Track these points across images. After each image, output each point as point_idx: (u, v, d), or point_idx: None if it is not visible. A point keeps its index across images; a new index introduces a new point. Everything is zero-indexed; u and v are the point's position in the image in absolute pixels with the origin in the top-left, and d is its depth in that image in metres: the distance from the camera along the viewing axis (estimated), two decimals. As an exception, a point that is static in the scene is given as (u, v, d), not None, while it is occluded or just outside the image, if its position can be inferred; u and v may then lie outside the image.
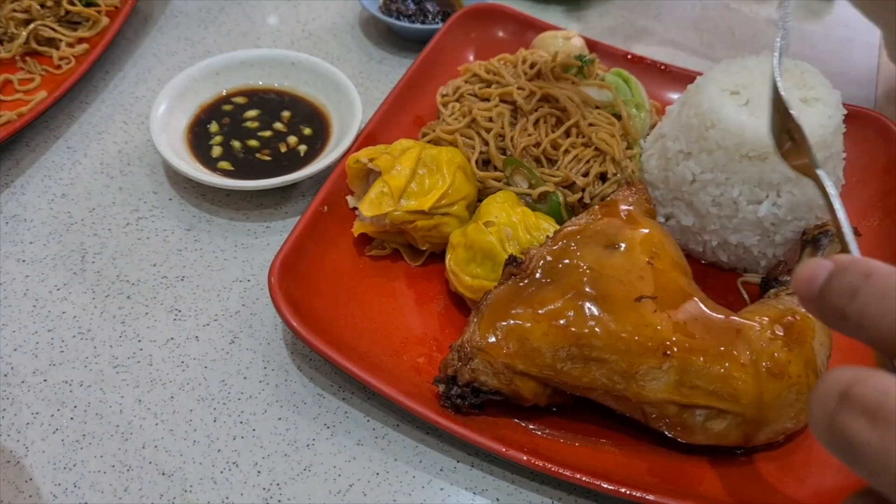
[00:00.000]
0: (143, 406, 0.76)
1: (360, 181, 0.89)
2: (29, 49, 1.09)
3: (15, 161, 0.98)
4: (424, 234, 0.85)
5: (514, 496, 0.71)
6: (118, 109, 1.07)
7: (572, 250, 0.75)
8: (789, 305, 0.76)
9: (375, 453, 0.74)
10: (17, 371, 0.78)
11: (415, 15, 1.18)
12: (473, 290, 0.80)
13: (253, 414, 0.76)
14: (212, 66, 1.03)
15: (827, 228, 0.83)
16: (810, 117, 0.82)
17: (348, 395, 0.78)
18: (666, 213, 0.91)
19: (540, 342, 0.70)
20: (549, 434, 0.74)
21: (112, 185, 0.97)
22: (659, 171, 0.90)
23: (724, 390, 0.69)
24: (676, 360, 0.68)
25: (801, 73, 0.86)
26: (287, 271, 0.79)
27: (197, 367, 0.79)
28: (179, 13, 1.24)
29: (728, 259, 0.90)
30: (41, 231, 0.91)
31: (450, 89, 1.01)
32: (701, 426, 0.70)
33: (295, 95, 1.05)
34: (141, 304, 0.84)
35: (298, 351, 0.81)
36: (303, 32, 1.22)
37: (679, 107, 0.91)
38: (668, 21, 1.30)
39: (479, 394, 0.72)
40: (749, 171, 0.83)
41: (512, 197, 0.86)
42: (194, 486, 0.70)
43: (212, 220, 0.94)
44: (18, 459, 0.71)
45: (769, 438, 0.72)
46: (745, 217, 0.85)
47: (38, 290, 0.85)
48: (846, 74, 1.21)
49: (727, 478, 0.72)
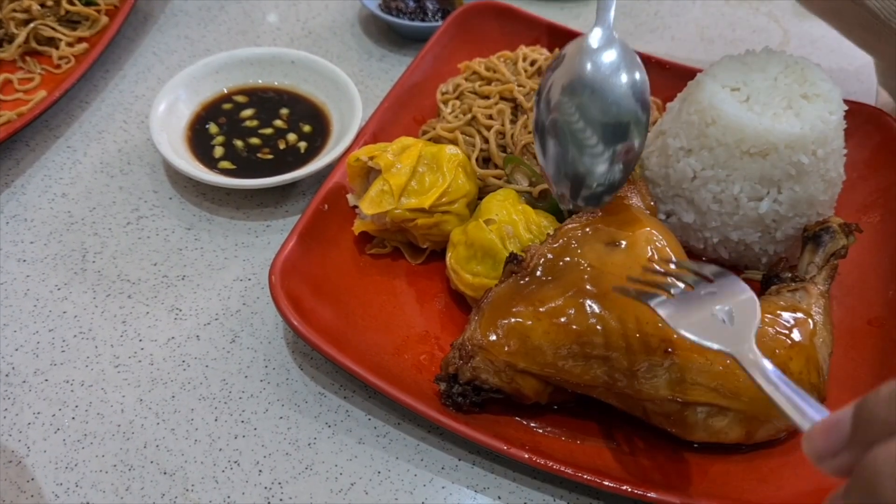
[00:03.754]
0: (144, 405, 0.76)
1: (360, 179, 0.89)
2: (29, 49, 1.09)
3: (15, 161, 0.98)
4: (425, 233, 0.85)
5: (515, 494, 0.71)
6: (118, 108, 1.07)
7: (573, 248, 0.75)
8: (791, 302, 0.76)
9: (377, 452, 0.74)
10: (18, 371, 0.78)
11: (414, 13, 1.18)
12: (474, 287, 0.80)
13: (254, 413, 0.76)
14: (212, 65, 1.03)
15: (828, 225, 0.83)
16: (811, 113, 0.82)
17: (349, 394, 0.78)
18: (667, 210, 0.91)
19: (541, 340, 0.70)
20: (550, 432, 0.74)
21: (112, 185, 0.97)
22: (659, 169, 0.90)
23: (726, 387, 0.69)
24: (677, 357, 0.68)
25: (801, 69, 0.86)
26: (288, 270, 0.79)
27: (198, 366, 0.79)
28: (179, 12, 1.23)
29: (729, 256, 0.90)
30: (42, 231, 0.91)
31: (450, 87, 1.01)
32: (702, 423, 0.70)
33: (295, 94, 1.05)
34: (142, 304, 0.84)
35: (299, 350, 0.81)
36: (303, 31, 1.22)
37: (679, 104, 0.91)
38: (668, 17, 1.30)
39: (480, 392, 0.72)
40: (750, 167, 0.82)
41: (512, 195, 0.86)
42: (196, 486, 0.71)
43: (212, 219, 0.94)
44: (20, 459, 0.71)
45: (770, 435, 0.72)
46: (745, 214, 0.85)
47: (38, 289, 0.85)
48: (847, 70, 1.20)
49: (729, 475, 0.72)
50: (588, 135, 0.73)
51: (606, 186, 0.75)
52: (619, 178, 0.75)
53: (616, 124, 0.73)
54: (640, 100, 0.74)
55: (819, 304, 0.77)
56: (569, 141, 0.73)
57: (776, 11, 1.32)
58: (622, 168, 0.74)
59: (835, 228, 0.83)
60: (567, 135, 0.74)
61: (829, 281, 0.81)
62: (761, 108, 0.83)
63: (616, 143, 0.73)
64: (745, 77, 0.86)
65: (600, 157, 0.72)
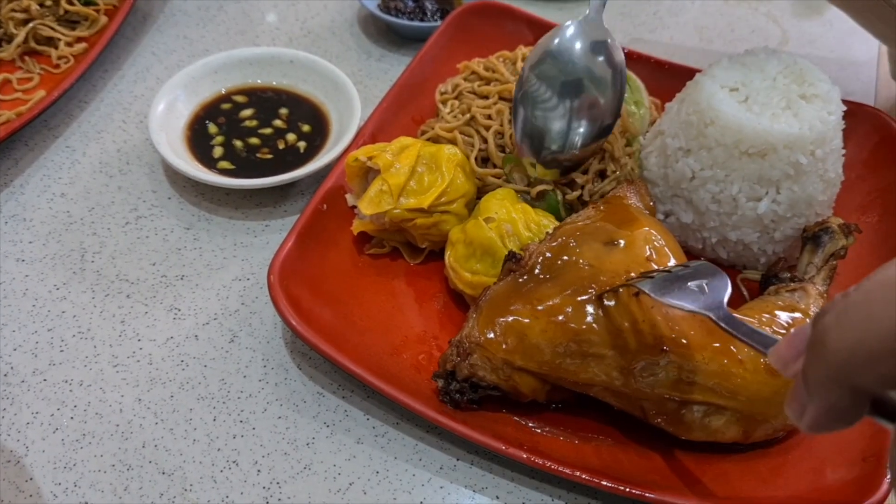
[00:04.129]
0: (142, 405, 0.76)
1: (359, 179, 0.89)
2: (28, 48, 1.09)
3: (14, 160, 0.98)
4: (424, 233, 0.85)
5: (513, 494, 0.72)
6: (117, 108, 1.07)
7: (572, 247, 0.75)
8: (789, 302, 0.76)
9: (375, 452, 0.74)
10: (16, 371, 0.78)
11: (413, 13, 1.18)
12: (473, 286, 0.80)
13: (253, 413, 0.76)
14: (210, 65, 1.03)
15: (827, 225, 0.83)
16: (810, 113, 0.82)
17: (348, 394, 0.78)
18: (665, 210, 0.91)
19: (538, 338, 0.70)
20: (548, 432, 0.74)
21: (111, 185, 0.97)
22: (658, 169, 0.90)
23: (723, 386, 0.69)
24: (675, 356, 0.68)
25: (800, 69, 0.86)
26: (286, 270, 0.79)
27: (196, 365, 0.79)
28: (178, 12, 1.24)
29: (728, 256, 0.90)
30: (40, 230, 0.91)
31: (449, 87, 1.01)
32: (699, 422, 0.70)
33: (294, 93, 1.05)
34: (140, 304, 0.84)
35: (298, 349, 0.81)
36: (301, 30, 1.22)
37: (678, 104, 0.91)
38: (667, 17, 1.30)
39: (478, 389, 0.72)
40: (748, 167, 0.83)
41: (511, 194, 0.86)
42: (194, 485, 0.71)
43: (211, 219, 0.94)
44: (18, 459, 0.71)
45: (768, 435, 0.72)
46: (744, 214, 0.85)
47: (37, 289, 0.85)
48: (845, 71, 1.20)
49: (726, 474, 0.72)
50: (549, 95, 0.80)
51: (580, 139, 0.82)
52: (587, 133, 0.81)
53: (574, 81, 0.79)
54: (604, 58, 0.80)
55: (818, 304, 0.77)
56: (535, 102, 0.81)
57: (775, 11, 1.32)
58: (588, 124, 0.81)
59: (834, 229, 0.83)
60: (532, 99, 0.81)
61: (828, 281, 0.81)
62: (760, 109, 0.83)
63: (575, 97, 0.79)
64: (743, 77, 0.86)
65: (558, 111, 0.80)
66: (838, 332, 0.40)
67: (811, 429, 0.44)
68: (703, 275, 0.67)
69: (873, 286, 0.40)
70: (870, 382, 0.40)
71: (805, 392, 0.43)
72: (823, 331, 0.41)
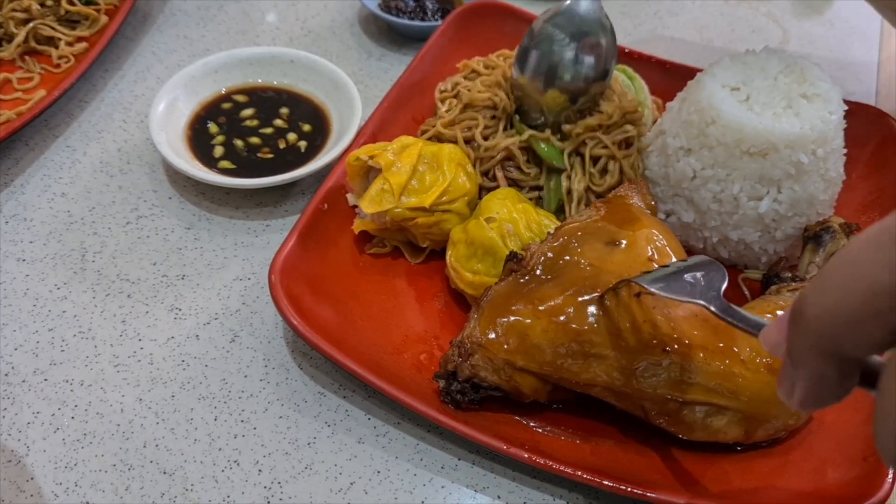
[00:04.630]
0: (143, 405, 0.76)
1: (360, 179, 0.89)
2: (28, 48, 1.09)
3: (14, 160, 0.98)
4: (425, 232, 0.85)
5: (515, 493, 0.71)
6: (117, 108, 1.07)
7: (573, 247, 0.75)
8: (790, 301, 0.76)
9: (376, 451, 0.74)
10: (17, 370, 0.78)
11: (414, 12, 1.18)
12: (474, 286, 0.80)
13: (254, 412, 0.76)
14: (211, 65, 1.03)
15: (829, 225, 0.83)
16: (811, 113, 0.82)
17: (349, 394, 0.78)
18: (667, 209, 0.91)
19: (540, 338, 0.70)
20: (550, 431, 0.74)
21: (112, 184, 0.97)
22: (659, 168, 0.90)
23: (725, 386, 0.69)
24: (676, 356, 0.68)
25: (801, 69, 0.86)
26: (287, 269, 0.78)
27: (197, 365, 0.79)
28: (178, 11, 1.23)
29: (729, 255, 0.90)
30: (41, 230, 0.91)
31: (448, 85, 1.01)
32: (701, 422, 0.70)
33: (294, 93, 1.05)
34: (141, 303, 0.84)
35: (299, 349, 0.81)
36: (302, 30, 1.22)
37: (679, 103, 0.91)
38: (667, 17, 1.30)
39: (479, 389, 0.72)
40: (749, 167, 0.83)
41: (513, 193, 0.86)
42: (195, 485, 0.70)
43: (212, 219, 0.93)
44: (19, 459, 0.71)
45: (769, 435, 0.72)
46: (745, 213, 0.85)
47: (38, 289, 0.85)
48: (846, 70, 1.20)
49: (728, 474, 0.72)
50: (562, 36, 0.90)
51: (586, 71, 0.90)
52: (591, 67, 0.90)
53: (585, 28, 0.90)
54: (602, 17, 0.91)
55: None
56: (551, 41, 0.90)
57: (775, 11, 1.32)
58: (593, 61, 0.90)
59: (835, 228, 0.83)
60: (549, 39, 0.90)
61: (828, 280, 0.81)
62: (761, 108, 0.83)
63: (584, 37, 0.89)
64: (744, 77, 0.86)
65: (570, 46, 0.89)
66: (816, 297, 0.39)
67: (802, 405, 0.42)
68: (700, 267, 0.66)
69: (851, 248, 0.39)
70: (853, 348, 0.38)
71: (791, 368, 0.42)
72: (802, 300, 0.40)
